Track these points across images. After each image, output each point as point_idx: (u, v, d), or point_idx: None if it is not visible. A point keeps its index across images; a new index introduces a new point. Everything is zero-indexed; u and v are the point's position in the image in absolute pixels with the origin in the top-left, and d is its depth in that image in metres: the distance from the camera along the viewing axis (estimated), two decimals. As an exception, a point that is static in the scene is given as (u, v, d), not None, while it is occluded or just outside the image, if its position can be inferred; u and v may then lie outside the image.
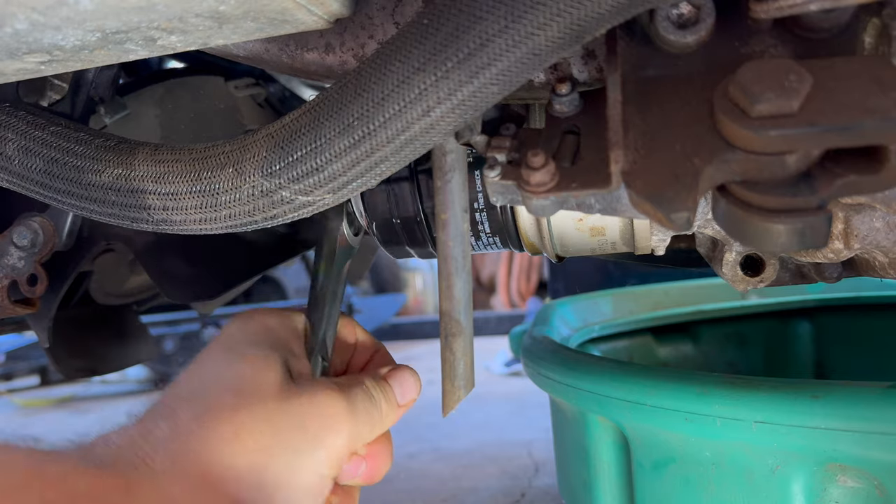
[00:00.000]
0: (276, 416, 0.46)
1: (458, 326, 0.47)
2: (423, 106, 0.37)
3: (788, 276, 0.59)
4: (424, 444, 1.71)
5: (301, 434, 0.46)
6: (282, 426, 0.46)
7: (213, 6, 0.36)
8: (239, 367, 0.47)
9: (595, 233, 0.56)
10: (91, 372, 1.00)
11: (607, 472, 0.78)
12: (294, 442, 0.46)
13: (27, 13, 0.35)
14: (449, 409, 0.49)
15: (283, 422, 0.46)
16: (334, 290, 0.58)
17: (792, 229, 0.34)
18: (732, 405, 0.61)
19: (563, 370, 0.80)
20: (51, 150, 0.48)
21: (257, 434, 0.45)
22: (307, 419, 0.46)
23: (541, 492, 1.33)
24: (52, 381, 2.97)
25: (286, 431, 0.46)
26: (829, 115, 0.33)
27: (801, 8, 0.37)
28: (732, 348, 1.31)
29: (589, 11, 0.35)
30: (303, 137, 0.41)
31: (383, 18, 0.48)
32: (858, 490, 0.57)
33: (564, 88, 0.43)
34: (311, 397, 0.47)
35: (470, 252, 0.48)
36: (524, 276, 4.09)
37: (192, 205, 0.45)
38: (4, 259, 0.64)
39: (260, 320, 0.52)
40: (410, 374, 0.55)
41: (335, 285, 0.58)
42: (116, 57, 0.42)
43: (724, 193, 0.36)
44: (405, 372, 0.54)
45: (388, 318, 3.74)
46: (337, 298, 0.58)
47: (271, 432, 0.45)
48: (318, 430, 0.47)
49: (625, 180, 0.37)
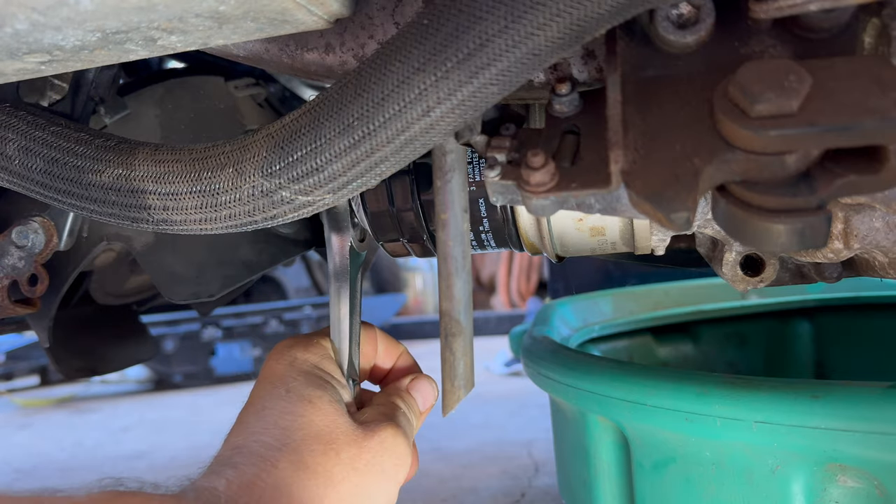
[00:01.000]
0: (357, 462, 0.51)
1: (458, 326, 0.47)
2: (423, 106, 0.37)
3: (788, 276, 0.59)
4: (424, 444, 1.71)
5: (381, 476, 0.52)
6: (363, 471, 0.51)
7: (213, 6, 0.36)
8: (310, 414, 0.51)
9: (595, 233, 0.56)
10: (91, 372, 1.00)
11: (607, 472, 0.78)
12: (376, 484, 0.51)
13: (27, 13, 0.35)
14: (449, 409, 0.49)
15: (363, 467, 0.51)
16: (352, 305, 0.59)
17: (792, 229, 0.34)
18: (732, 405, 0.61)
19: (563, 370, 0.80)
20: (51, 150, 0.48)
21: (346, 481, 0.50)
22: (385, 461, 0.52)
23: (541, 492, 1.33)
24: (52, 381, 2.97)
25: (368, 476, 0.51)
26: (829, 115, 0.33)
27: (801, 8, 0.37)
28: (732, 348, 1.30)
29: (589, 12, 0.35)
30: (303, 137, 0.41)
31: (383, 18, 0.48)
32: (858, 490, 0.57)
33: (564, 88, 0.43)
34: (381, 440, 0.52)
35: (470, 252, 0.48)
36: (524, 276, 4.09)
37: (192, 205, 0.45)
38: (5, 259, 0.64)
39: (304, 358, 0.55)
40: (428, 382, 0.60)
41: (352, 299, 0.59)
42: (116, 57, 0.42)
43: (724, 193, 0.36)
44: (424, 381, 0.60)
45: (388, 318, 3.74)
46: (356, 312, 0.59)
47: (356, 478, 0.50)
48: (391, 470, 0.52)
49: (625, 180, 0.37)
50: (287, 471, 0.47)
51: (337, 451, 0.50)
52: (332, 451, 0.50)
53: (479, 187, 0.56)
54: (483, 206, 0.56)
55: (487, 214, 0.56)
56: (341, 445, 0.50)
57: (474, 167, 0.56)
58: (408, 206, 0.57)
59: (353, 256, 0.60)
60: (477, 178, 0.56)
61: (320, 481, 0.48)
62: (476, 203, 0.56)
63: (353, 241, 0.59)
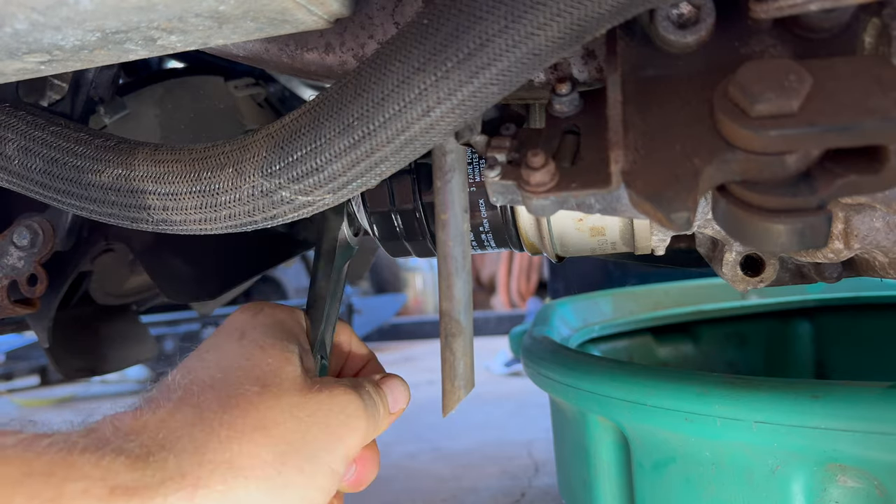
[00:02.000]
0: (299, 410, 0.46)
1: (458, 326, 0.47)
2: (423, 106, 0.37)
3: (788, 276, 0.59)
4: (424, 444, 1.71)
5: (324, 430, 0.46)
6: (305, 421, 0.46)
7: (212, 6, 0.36)
8: (259, 358, 0.47)
9: (595, 233, 0.56)
10: (91, 372, 1.00)
11: (607, 472, 0.78)
12: (316, 437, 0.46)
13: (27, 13, 0.35)
14: (449, 409, 0.49)
15: (306, 416, 0.46)
16: (334, 290, 0.58)
17: (792, 229, 0.34)
18: (732, 405, 0.61)
19: (563, 370, 0.80)
20: (51, 150, 0.48)
21: (282, 427, 0.45)
22: (330, 416, 0.47)
23: (541, 492, 1.33)
24: (52, 381, 2.97)
25: (309, 426, 0.46)
26: (829, 115, 0.33)
27: (801, 8, 0.37)
28: (732, 348, 1.31)
29: (589, 11, 0.35)
30: (303, 137, 0.41)
31: (383, 18, 0.48)
32: (858, 490, 0.57)
33: (564, 88, 0.43)
34: (330, 394, 0.48)
35: (470, 252, 0.48)
36: (524, 276, 4.09)
37: (192, 205, 0.45)
38: (4, 259, 0.64)
39: (270, 312, 0.52)
40: (401, 382, 0.55)
41: (335, 285, 0.58)
42: (116, 57, 0.42)
43: (724, 193, 0.36)
44: (397, 380, 0.55)
45: (388, 318, 3.74)
46: (336, 298, 0.58)
47: (295, 426, 0.45)
48: (338, 428, 0.47)
49: (625, 180, 0.37)
50: (210, 408, 0.44)
51: (277, 395, 0.46)
52: (271, 395, 0.46)
53: (479, 188, 0.56)
54: (483, 206, 0.56)
55: (487, 214, 0.56)
56: (283, 391, 0.46)
57: (474, 167, 0.56)
58: (409, 206, 0.57)
59: (342, 246, 0.59)
60: (477, 179, 0.56)
61: (249, 421, 0.44)
62: (476, 203, 0.56)
63: (347, 232, 0.59)
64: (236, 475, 0.42)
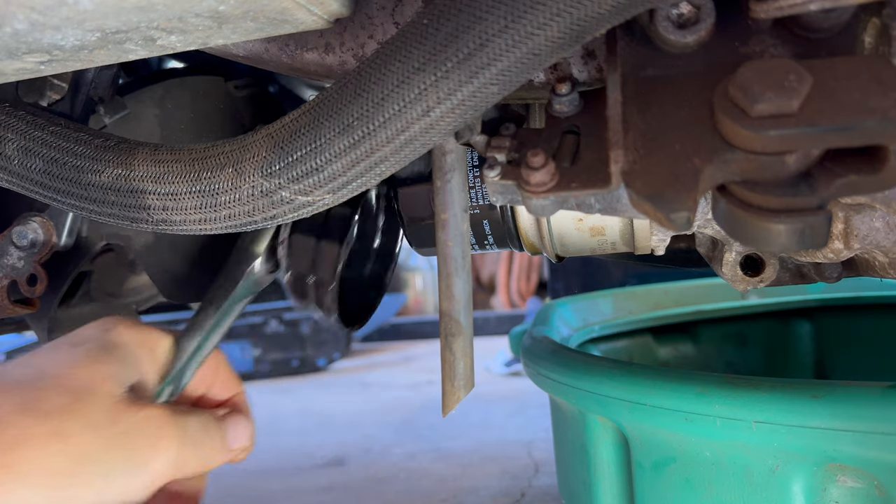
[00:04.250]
0: (105, 427, 0.45)
1: (458, 326, 0.47)
2: (422, 106, 0.37)
3: (788, 276, 0.59)
4: (424, 444, 1.71)
5: (127, 450, 0.45)
6: (108, 438, 0.45)
7: (212, 6, 0.36)
8: (79, 369, 0.46)
9: (595, 233, 0.56)
10: (91, 372, 1.00)
11: (607, 472, 0.78)
12: (116, 456, 0.45)
13: (27, 13, 0.35)
14: (449, 409, 0.48)
15: (110, 434, 0.45)
16: (217, 323, 0.55)
17: (792, 229, 0.34)
18: (732, 405, 0.61)
19: (563, 370, 0.80)
20: (50, 150, 0.48)
21: (80, 438, 0.43)
22: (138, 438, 0.46)
23: (541, 492, 1.33)
24: (52, 381, 2.96)
25: (111, 443, 0.45)
26: (829, 115, 0.33)
27: (801, 8, 0.37)
28: (732, 348, 1.31)
29: (589, 11, 0.35)
30: (303, 137, 0.41)
31: (383, 18, 0.48)
32: (858, 490, 0.57)
33: (564, 88, 0.43)
34: (146, 417, 0.47)
35: (470, 252, 0.48)
36: (524, 276, 4.09)
37: (192, 205, 0.45)
38: (4, 259, 0.64)
39: (119, 331, 0.50)
40: (247, 422, 0.55)
41: (222, 318, 0.55)
42: (116, 57, 0.42)
43: (724, 193, 0.36)
44: (242, 418, 0.54)
45: (388, 318, 3.74)
46: (218, 332, 0.55)
47: (94, 439, 0.44)
48: (144, 450, 0.46)
49: (625, 180, 0.37)
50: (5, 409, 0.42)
51: (84, 408, 0.44)
52: (78, 407, 0.44)
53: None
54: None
55: (487, 215, 0.56)
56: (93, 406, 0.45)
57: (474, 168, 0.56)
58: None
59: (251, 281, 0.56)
60: (477, 182, 0.56)
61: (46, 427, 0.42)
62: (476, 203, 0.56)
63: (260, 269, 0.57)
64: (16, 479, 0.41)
